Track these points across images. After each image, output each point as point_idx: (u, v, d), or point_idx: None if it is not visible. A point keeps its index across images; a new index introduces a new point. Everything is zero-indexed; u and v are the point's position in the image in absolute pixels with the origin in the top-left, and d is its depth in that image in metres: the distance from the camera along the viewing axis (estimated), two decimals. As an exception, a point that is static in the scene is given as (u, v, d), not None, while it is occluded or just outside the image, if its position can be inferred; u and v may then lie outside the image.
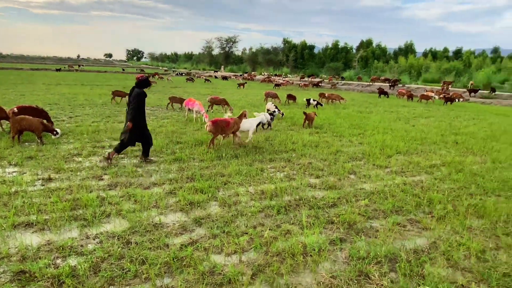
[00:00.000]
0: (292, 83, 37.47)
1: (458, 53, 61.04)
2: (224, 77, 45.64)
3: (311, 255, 3.46)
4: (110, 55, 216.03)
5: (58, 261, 3.19)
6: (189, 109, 11.18)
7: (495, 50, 62.25)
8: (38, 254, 3.25)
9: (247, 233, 3.83)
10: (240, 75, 51.81)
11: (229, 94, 22.30)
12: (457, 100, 21.44)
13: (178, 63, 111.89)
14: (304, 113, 10.94)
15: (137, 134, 6.19)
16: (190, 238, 3.68)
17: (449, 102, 21.05)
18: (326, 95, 19.16)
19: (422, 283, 3.05)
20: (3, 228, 3.68)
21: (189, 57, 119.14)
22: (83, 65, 70.04)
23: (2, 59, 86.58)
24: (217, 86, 31.52)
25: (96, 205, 4.37)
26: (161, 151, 7.19)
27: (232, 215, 4.27)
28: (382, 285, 3.02)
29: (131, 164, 6.20)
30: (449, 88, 29.95)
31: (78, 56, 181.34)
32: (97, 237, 3.66)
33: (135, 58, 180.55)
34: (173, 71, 60.64)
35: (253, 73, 59.13)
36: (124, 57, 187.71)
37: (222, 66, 77.59)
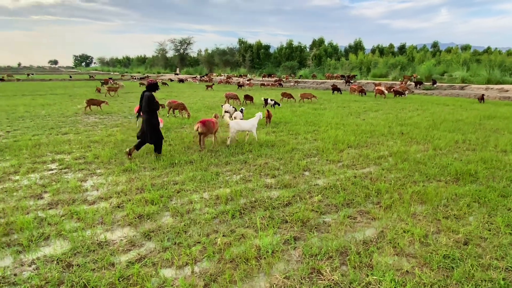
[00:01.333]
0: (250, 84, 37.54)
1: (402, 48, 65.16)
2: (180, 79, 44.65)
3: (265, 258, 3.43)
4: (55, 62, 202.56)
5: (-15, 296, 2.85)
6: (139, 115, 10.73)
7: (435, 45, 67.39)
8: (-40, 291, 2.89)
9: (199, 242, 3.72)
10: (202, 77, 51.10)
11: (185, 97, 21.83)
12: (405, 93, 22.76)
13: (131, 67, 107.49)
14: (268, 111, 11.28)
15: (149, 131, 6.93)
16: (138, 254, 3.49)
17: (398, 95, 22.32)
18: (300, 94, 19.53)
19: (371, 273, 3.16)
20: None
21: (142, 60, 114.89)
22: (33, 74, 64.41)
23: None
24: (173, 89, 30.73)
25: (33, 228, 4.01)
26: (109, 162, 6.80)
27: (184, 225, 4.13)
28: (333, 280, 3.08)
29: (75, 179, 5.79)
30: (408, 82, 31.16)
31: (19, 64, 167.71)
32: (33, 263, 3.35)
33: (83, 63, 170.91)
34: (132, 76, 57.85)
35: (214, 74, 58.64)
36: (71, 63, 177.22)
37: (178, 69, 75.89)
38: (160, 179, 5.77)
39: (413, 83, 30.76)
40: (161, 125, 9.89)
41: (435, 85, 29.38)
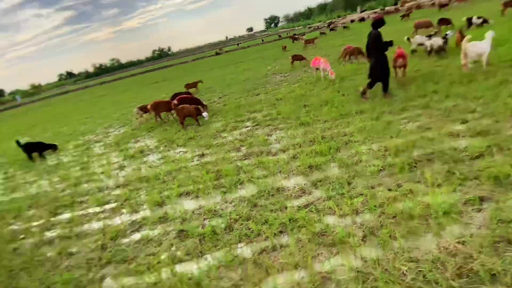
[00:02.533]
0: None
1: None
2: (361, 18, 41.58)
3: (435, 217, 3.10)
4: (251, 29, 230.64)
5: (205, 222, 4.10)
6: (316, 69, 11.07)
7: None
8: (192, 217, 4.27)
9: (362, 194, 3.76)
10: (395, 4, 46.20)
11: (364, 37, 20.29)
12: None
13: (312, 18, 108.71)
14: (460, 32, 9.41)
15: (379, 69, 6.98)
16: (306, 200, 3.94)
17: None
18: None
19: None
20: (172, 197, 4.96)
21: (323, 8, 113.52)
22: (240, 43, 79.06)
23: (173, 56, 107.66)
24: (352, 32, 29.17)
25: (233, 174, 5.20)
26: (289, 117, 7.57)
27: (349, 176, 4.23)
28: (530, 254, 2.44)
29: (263, 134, 6.87)
30: None
31: (226, 37, 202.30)
32: (232, 201, 4.43)
33: (272, 25, 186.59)
34: (317, 26, 58.97)
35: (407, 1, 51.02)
36: (263, 27, 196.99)
37: (359, 7, 70.31)
38: (330, 131, 5.99)
39: None
40: (332, 77, 9.88)
41: None
